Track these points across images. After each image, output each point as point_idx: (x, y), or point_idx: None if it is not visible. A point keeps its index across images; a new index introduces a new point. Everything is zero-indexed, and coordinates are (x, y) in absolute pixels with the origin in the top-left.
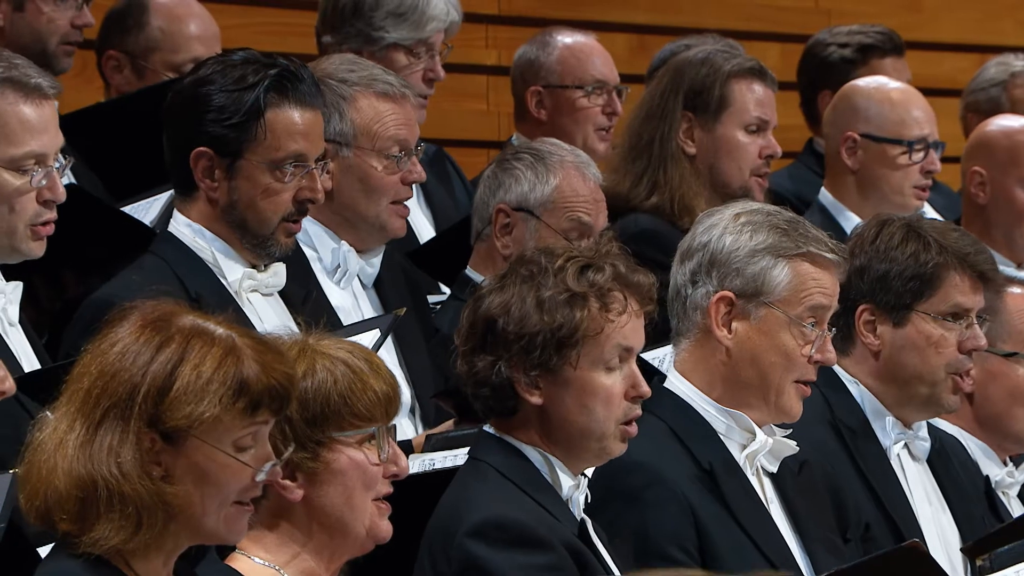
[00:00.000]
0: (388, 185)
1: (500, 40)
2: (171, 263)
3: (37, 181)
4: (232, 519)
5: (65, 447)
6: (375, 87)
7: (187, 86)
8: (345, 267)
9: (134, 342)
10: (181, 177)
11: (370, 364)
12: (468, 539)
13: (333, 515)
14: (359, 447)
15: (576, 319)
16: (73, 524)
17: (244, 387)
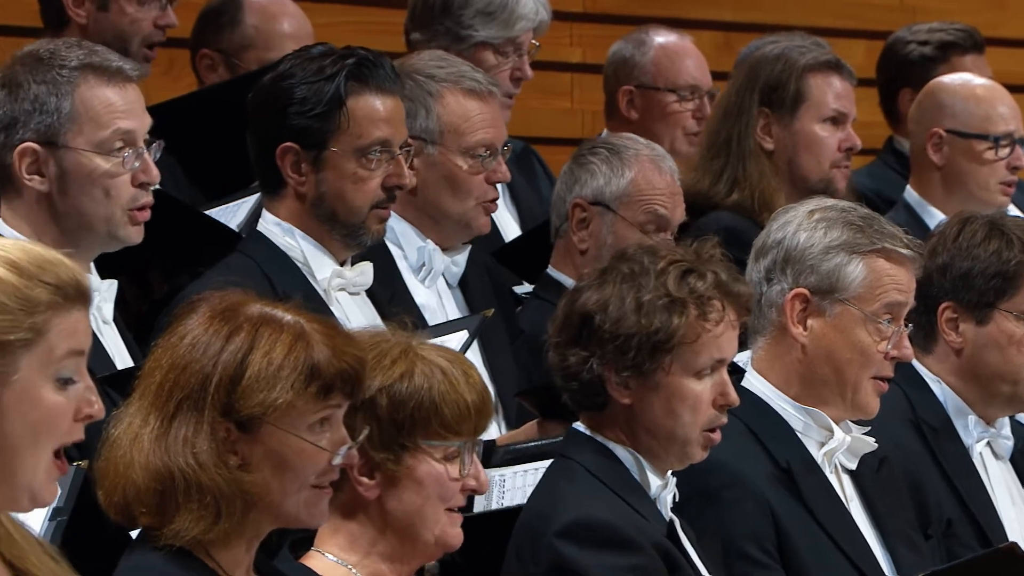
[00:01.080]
0: (473, 185)
1: (585, 38)
2: (260, 262)
3: (130, 164)
4: (312, 502)
5: (141, 441)
6: (462, 84)
7: (267, 83)
8: (430, 265)
9: (203, 333)
10: (268, 175)
11: (467, 376)
12: (557, 539)
13: (404, 521)
14: (441, 459)
15: (673, 325)
16: (153, 517)
17: (316, 371)
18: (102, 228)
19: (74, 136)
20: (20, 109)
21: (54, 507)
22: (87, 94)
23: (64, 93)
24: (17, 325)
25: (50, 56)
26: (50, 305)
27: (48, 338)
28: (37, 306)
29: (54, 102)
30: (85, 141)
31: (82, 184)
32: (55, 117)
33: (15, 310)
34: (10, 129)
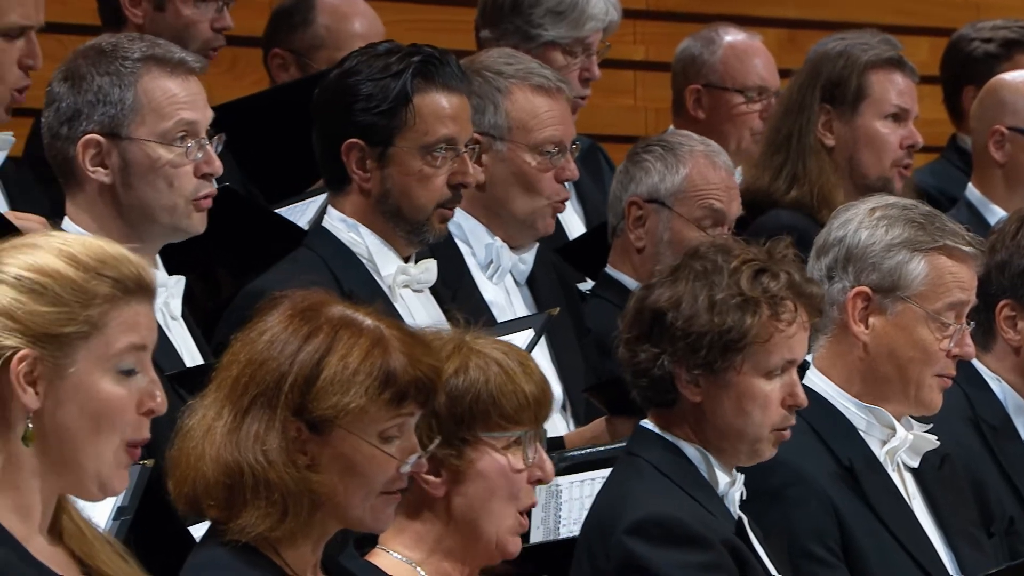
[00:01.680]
0: (542, 182)
1: (648, 35)
2: (325, 258)
3: (192, 154)
4: (379, 508)
5: (213, 434)
6: (531, 80)
7: (333, 80)
8: (498, 263)
9: (283, 331)
10: (333, 171)
11: (523, 367)
12: (627, 536)
13: (470, 516)
14: (504, 451)
15: (746, 324)
16: (221, 511)
17: (391, 379)
18: (165, 219)
19: (137, 127)
20: (83, 101)
21: (118, 506)
22: (150, 85)
23: (127, 84)
24: (72, 318)
25: (112, 48)
26: (108, 298)
27: (106, 331)
28: (93, 299)
29: (117, 93)
30: (148, 132)
31: (145, 174)
32: (118, 108)
33: (71, 302)
34: (73, 121)
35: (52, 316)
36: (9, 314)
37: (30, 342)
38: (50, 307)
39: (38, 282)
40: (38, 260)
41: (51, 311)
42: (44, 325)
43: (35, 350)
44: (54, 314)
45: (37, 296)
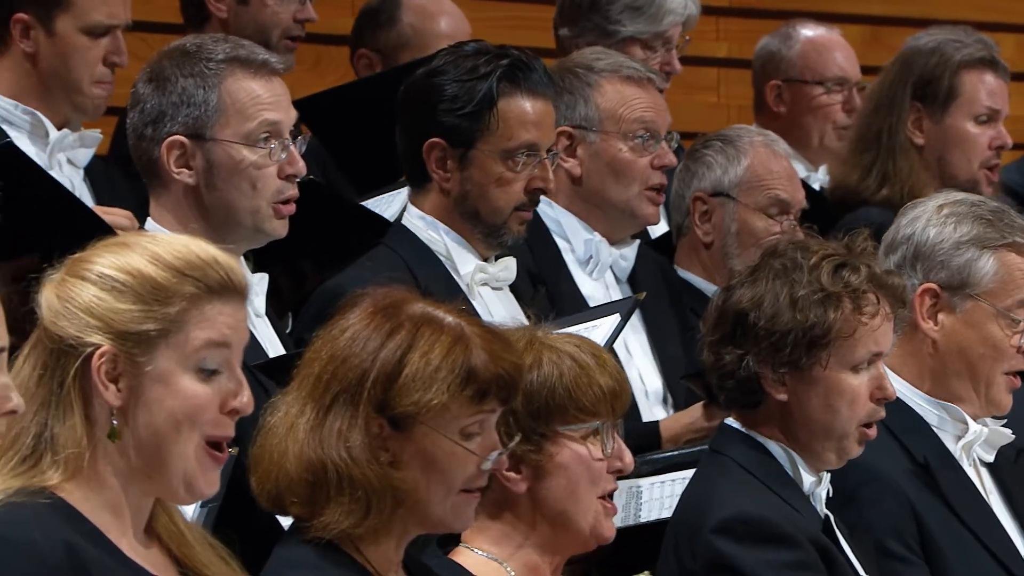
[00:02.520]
0: (636, 168)
1: (731, 32)
2: (403, 255)
3: (276, 155)
4: (459, 507)
5: (296, 431)
6: (621, 72)
7: (419, 78)
8: (597, 258)
9: (364, 328)
10: (414, 169)
11: (597, 359)
12: (714, 535)
13: (556, 508)
14: (583, 441)
15: (829, 320)
16: (304, 508)
17: (472, 375)
18: (248, 221)
19: (221, 128)
20: (167, 102)
21: None
22: (233, 86)
23: (211, 86)
24: (151, 315)
25: (197, 50)
26: (188, 296)
27: (185, 329)
28: (173, 297)
29: (201, 95)
30: (232, 133)
31: (229, 176)
32: (202, 110)
33: (150, 300)
34: (158, 122)
35: (131, 314)
36: (90, 311)
37: (111, 339)
38: (130, 304)
39: (120, 280)
40: (124, 260)
41: (130, 308)
42: (124, 322)
43: (115, 347)
44: (133, 312)
45: (118, 294)
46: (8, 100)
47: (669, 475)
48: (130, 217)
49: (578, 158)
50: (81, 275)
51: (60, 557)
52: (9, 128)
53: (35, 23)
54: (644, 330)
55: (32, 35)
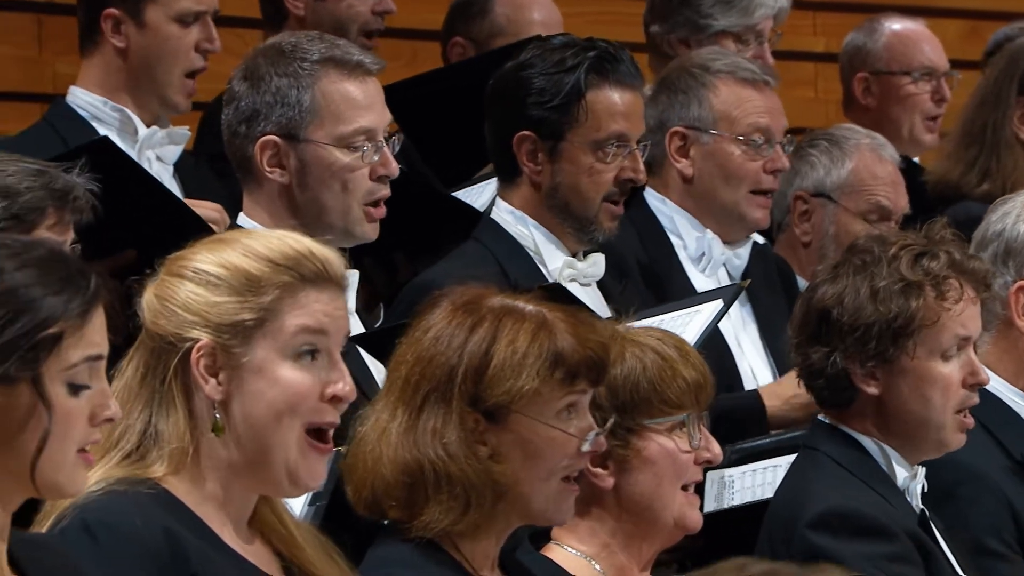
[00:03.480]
0: (747, 172)
1: (828, 26)
2: (492, 250)
3: (369, 157)
4: (559, 497)
5: (389, 436)
6: (737, 74)
7: (508, 71)
8: (710, 255)
9: (447, 326)
10: (504, 162)
11: (680, 351)
12: (810, 530)
13: (642, 503)
14: (669, 435)
15: (912, 308)
16: (403, 511)
17: (560, 358)
18: (339, 222)
19: (315, 130)
20: (262, 101)
21: (313, 492)
22: (328, 88)
23: (305, 86)
24: (246, 306)
25: (292, 49)
26: (281, 285)
27: (280, 317)
28: (267, 287)
29: (295, 95)
30: (326, 135)
31: (321, 177)
32: (296, 110)
33: (244, 291)
34: (252, 121)
35: (226, 306)
36: (186, 307)
37: (209, 333)
38: (224, 297)
39: (214, 274)
40: (220, 255)
41: (225, 301)
42: (220, 315)
43: (214, 340)
44: (228, 303)
45: (213, 288)
46: (97, 97)
47: (760, 463)
48: (220, 210)
49: (690, 159)
50: (178, 273)
51: (160, 543)
52: (98, 125)
53: (125, 17)
54: (755, 325)
55: (123, 29)
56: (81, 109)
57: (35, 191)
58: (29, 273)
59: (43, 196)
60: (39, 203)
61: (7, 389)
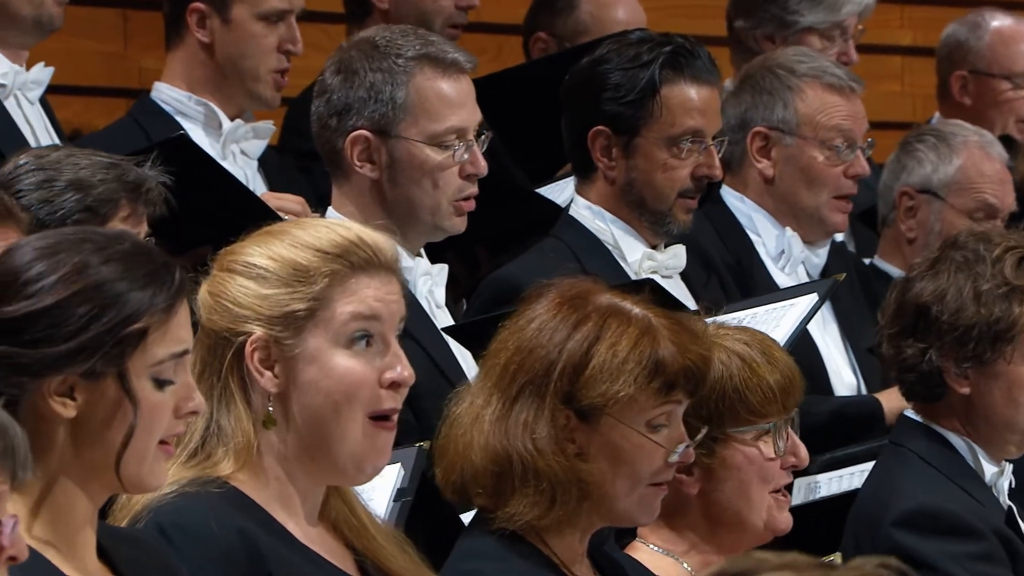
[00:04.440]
0: (830, 177)
1: (915, 20)
2: (571, 246)
3: (459, 156)
4: (646, 500)
5: (482, 422)
6: (824, 79)
7: (584, 67)
8: (789, 253)
9: (551, 319)
10: (580, 158)
11: (767, 356)
12: (896, 529)
13: (729, 510)
14: (755, 443)
15: (1015, 314)
16: (488, 499)
17: (660, 367)
18: (427, 218)
19: (407, 127)
20: (355, 96)
21: (398, 488)
22: (423, 85)
23: (399, 83)
24: (296, 296)
25: (387, 44)
26: (331, 274)
27: (331, 305)
28: (316, 276)
29: (389, 91)
30: (418, 132)
31: (412, 174)
32: (389, 107)
33: (293, 282)
34: (344, 115)
35: (276, 297)
36: (237, 302)
37: (261, 326)
38: (273, 289)
39: (263, 267)
40: (269, 247)
41: (275, 293)
42: (270, 307)
43: (266, 334)
44: (278, 295)
45: (262, 280)
46: (182, 92)
47: (847, 469)
48: (302, 203)
49: (772, 160)
50: (229, 268)
51: (236, 545)
52: (183, 120)
53: (211, 12)
54: (836, 324)
55: (208, 24)
56: (165, 104)
57: (108, 183)
58: (115, 267)
59: (116, 188)
60: (112, 195)
61: (93, 384)
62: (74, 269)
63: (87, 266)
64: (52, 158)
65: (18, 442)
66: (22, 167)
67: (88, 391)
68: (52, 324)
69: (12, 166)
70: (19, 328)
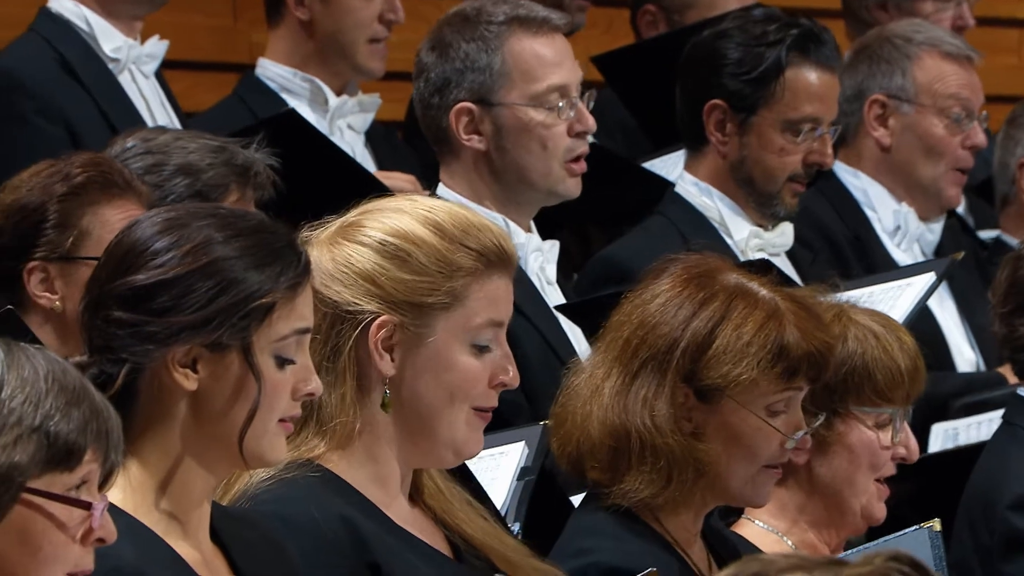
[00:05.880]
0: (949, 147)
1: None
2: (676, 223)
3: (565, 114)
4: (760, 482)
5: (601, 395)
6: (942, 47)
7: (706, 39)
8: (905, 229)
9: (676, 296)
10: (692, 131)
11: (900, 341)
12: (1011, 512)
13: (832, 487)
14: (873, 427)
15: None
16: (604, 474)
17: (784, 352)
18: (541, 183)
19: (507, 92)
20: (451, 69)
21: (521, 466)
22: (516, 48)
23: (493, 49)
24: (435, 288)
25: (476, 14)
26: (470, 271)
27: (467, 304)
28: (457, 271)
29: (484, 59)
30: (519, 96)
31: (519, 138)
32: (487, 74)
33: (434, 273)
34: (444, 90)
35: (415, 285)
36: (371, 279)
37: (391, 308)
38: (414, 275)
39: (403, 248)
40: (402, 225)
41: (414, 279)
42: (406, 293)
43: (395, 317)
44: (417, 283)
45: (400, 263)
46: (287, 68)
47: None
48: (413, 181)
49: (889, 128)
50: (357, 239)
51: (339, 532)
52: (289, 96)
53: None
54: (953, 302)
55: (306, 2)
56: (270, 81)
57: (217, 168)
58: (242, 244)
59: (225, 173)
60: (222, 180)
61: (217, 357)
62: (199, 244)
63: (212, 241)
64: (160, 141)
65: (112, 424)
66: (130, 150)
67: (211, 364)
68: (180, 294)
69: (120, 148)
70: (147, 297)
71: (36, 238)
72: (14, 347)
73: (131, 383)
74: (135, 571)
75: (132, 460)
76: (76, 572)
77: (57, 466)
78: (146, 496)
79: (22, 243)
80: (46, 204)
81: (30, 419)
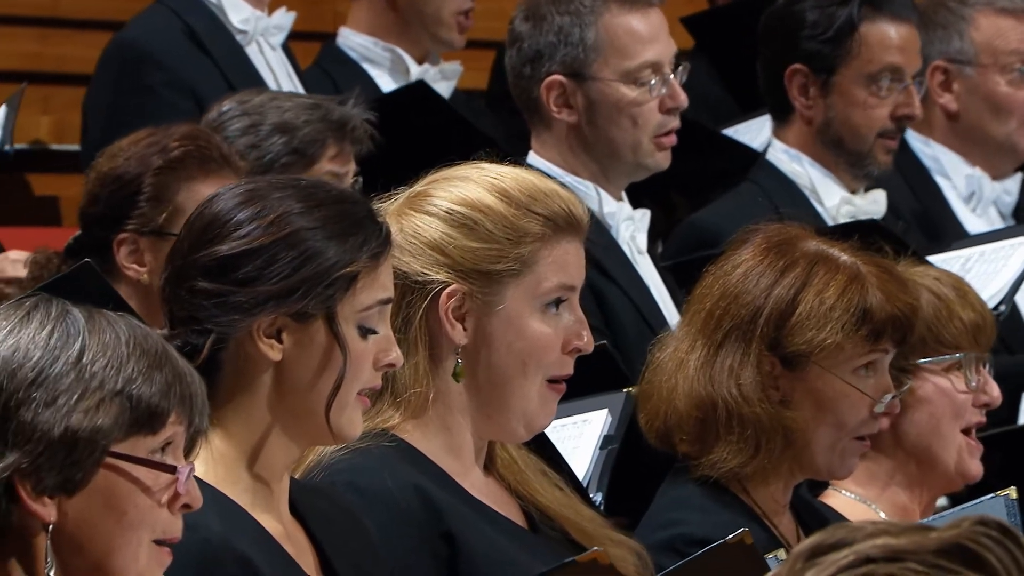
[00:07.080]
0: (1015, 102)
1: None
2: (767, 190)
3: (656, 91)
4: (847, 453)
5: (686, 368)
6: (996, 4)
7: (781, 6)
8: (980, 194)
9: (757, 265)
10: (776, 99)
11: (958, 292)
12: None
13: (920, 443)
14: (945, 374)
15: None
16: (692, 446)
17: (867, 315)
18: (629, 157)
19: (600, 67)
20: (545, 42)
21: (604, 435)
22: (610, 23)
23: (587, 23)
24: (504, 255)
25: None
26: (538, 236)
27: (536, 269)
28: (524, 237)
29: (578, 33)
30: (611, 71)
31: (610, 113)
32: (579, 49)
33: (502, 240)
34: (536, 62)
35: (483, 252)
36: (439, 248)
37: (460, 277)
38: (481, 243)
39: (469, 217)
40: (469, 194)
41: (482, 247)
42: (475, 261)
43: (464, 285)
44: (485, 250)
45: (468, 231)
46: (367, 38)
47: None
48: None
49: (954, 93)
50: (425, 209)
51: (413, 502)
52: (369, 66)
53: None
54: None
55: None
56: (351, 51)
57: (313, 124)
58: (323, 214)
59: (322, 128)
60: (318, 135)
61: (302, 327)
62: (281, 215)
63: (292, 212)
64: (255, 102)
65: (196, 389)
66: (227, 113)
67: (296, 334)
68: (264, 264)
69: (216, 113)
70: (232, 266)
71: (130, 210)
72: (95, 313)
73: (215, 354)
74: (223, 543)
75: (215, 432)
76: (164, 539)
77: (140, 430)
78: (230, 468)
79: (115, 213)
80: (142, 176)
81: (112, 383)
